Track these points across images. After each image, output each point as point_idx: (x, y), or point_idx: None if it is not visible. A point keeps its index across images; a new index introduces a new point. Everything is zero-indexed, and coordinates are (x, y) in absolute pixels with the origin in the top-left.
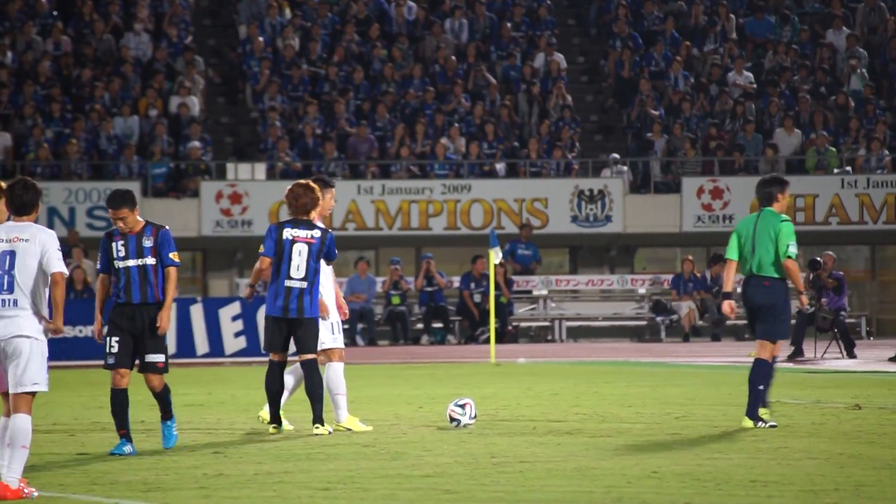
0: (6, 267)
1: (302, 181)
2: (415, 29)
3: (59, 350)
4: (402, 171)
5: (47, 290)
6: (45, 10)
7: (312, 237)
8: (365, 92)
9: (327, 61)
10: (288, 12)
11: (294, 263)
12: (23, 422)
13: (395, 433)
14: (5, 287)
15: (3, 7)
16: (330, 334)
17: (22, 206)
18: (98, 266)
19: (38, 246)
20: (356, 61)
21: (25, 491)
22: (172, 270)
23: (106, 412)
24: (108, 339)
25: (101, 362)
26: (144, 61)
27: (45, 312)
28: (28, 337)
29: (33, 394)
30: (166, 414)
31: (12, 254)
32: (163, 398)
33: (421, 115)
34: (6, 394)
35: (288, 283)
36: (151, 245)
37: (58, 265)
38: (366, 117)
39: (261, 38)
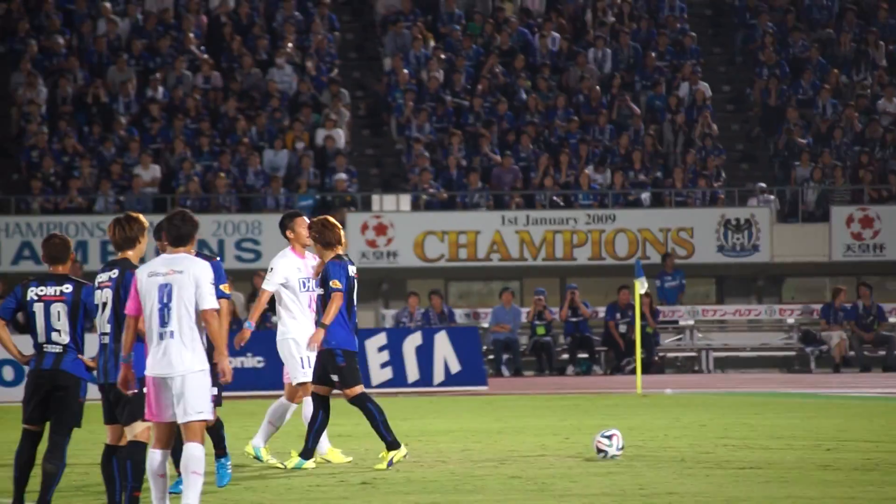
0: (164, 300)
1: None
2: (558, 59)
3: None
4: (546, 202)
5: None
6: (195, 46)
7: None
8: (509, 122)
9: (471, 92)
10: (432, 44)
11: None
12: (194, 450)
13: (541, 464)
14: (164, 320)
15: (155, 43)
16: (300, 369)
17: (178, 238)
18: None
19: (191, 279)
20: (500, 92)
21: None
22: (223, 303)
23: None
24: None
25: (252, 393)
26: (290, 94)
27: (203, 343)
28: (189, 372)
29: (202, 423)
30: (220, 451)
31: (169, 287)
32: (216, 433)
33: (565, 145)
34: (161, 424)
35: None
36: None
37: (209, 302)
38: (510, 148)
39: (405, 70)
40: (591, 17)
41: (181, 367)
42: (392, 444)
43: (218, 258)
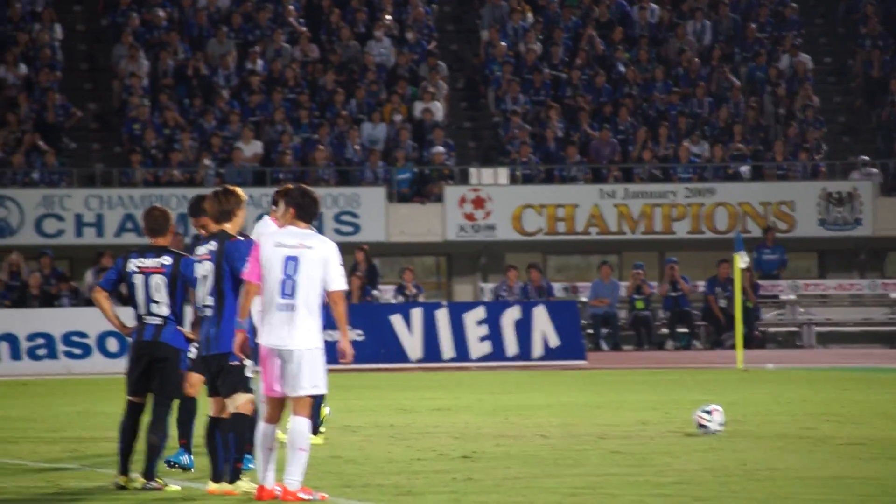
0: (290, 272)
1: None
2: (657, 31)
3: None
4: (645, 175)
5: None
6: (294, 19)
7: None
8: (607, 95)
9: (569, 65)
10: (530, 16)
11: None
12: (301, 425)
13: (641, 439)
14: (287, 292)
15: (254, 16)
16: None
17: (307, 215)
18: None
19: (321, 257)
20: (598, 64)
21: (307, 497)
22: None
23: (352, 415)
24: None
25: (350, 366)
26: (388, 67)
27: (321, 319)
28: (307, 347)
29: (312, 397)
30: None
31: (296, 260)
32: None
33: (664, 117)
34: (274, 398)
35: None
36: None
37: (339, 283)
38: (608, 121)
39: (503, 43)
40: None
41: (301, 342)
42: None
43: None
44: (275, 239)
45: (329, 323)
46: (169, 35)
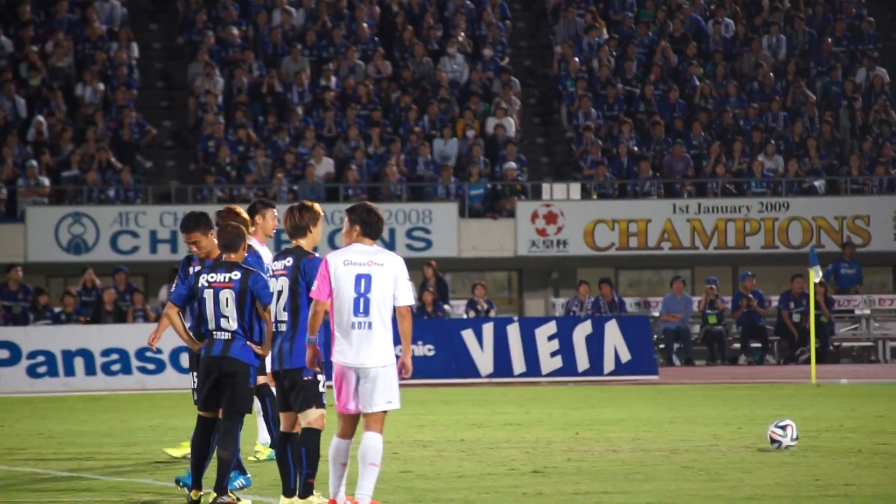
0: (362, 290)
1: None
2: (732, 46)
3: None
4: (718, 190)
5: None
6: (367, 36)
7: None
8: (680, 110)
9: (643, 80)
10: (605, 32)
11: None
12: (374, 440)
13: (713, 454)
14: (361, 310)
15: (329, 33)
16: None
17: (373, 232)
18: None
19: (391, 273)
20: (672, 79)
21: None
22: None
23: (423, 430)
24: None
25: (421, 381)
26: (461, 83)
27: (392, 335)
28: (382, 364)
29: (385, 413)
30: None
31: (368, 277)
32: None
33: (738, 132)
34: (347, 414)
35: None
36: None
37: (408, 298)
38: (681, 136)
39: (576, 59)
40: (766, 3)
41: (376, 359)
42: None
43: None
44: (343, 257)
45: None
46: (244, 53)
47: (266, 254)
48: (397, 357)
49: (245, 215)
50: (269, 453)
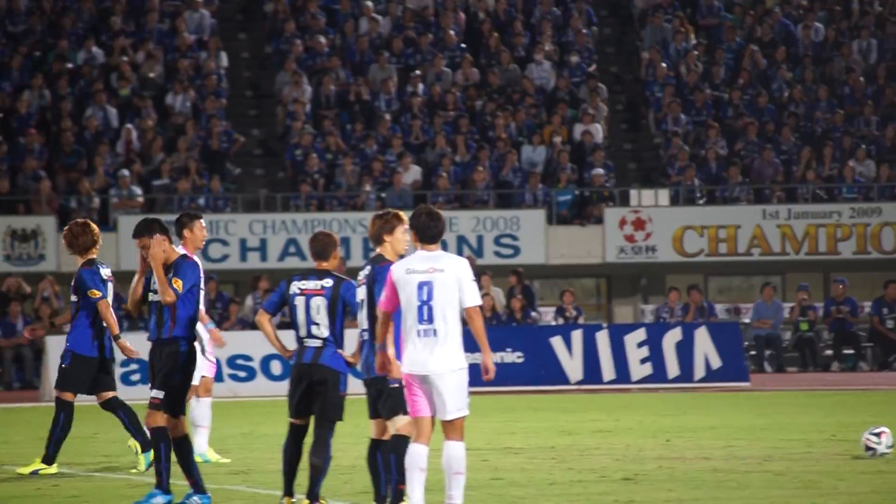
0: (425, 297)
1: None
2: (822, 50)
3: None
4: (809, 195)
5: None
6: (454, 43)
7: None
8: (769, 115)
9: (731, 85)
10: (693, 37)
11: None
12: (456, 449)
13: (807, 462)
14: (425, 317)
15: (416, 41)
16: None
17: (428, 237)
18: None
19: (454, 276)
20: (761, 84)
21: None
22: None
23: (513, 437)
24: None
25: (511, 388)
26: (548, 90)
27: (461, 340)
28: (450, 369)
29: (463, 419)
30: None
31: (430, 284)
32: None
33: (828, 137)
34: (422, 419)
35: None
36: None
37: (474, 299)
38: (770, 140)
39: (664, 64)
40: (857, 7)
41: (443, 365)
42: (48, 459)
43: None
44: (406, 265)
45: (469, 345)
46: (331, 61)
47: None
48: (470, 365)
49: (96, 230)
50: (145, 460)
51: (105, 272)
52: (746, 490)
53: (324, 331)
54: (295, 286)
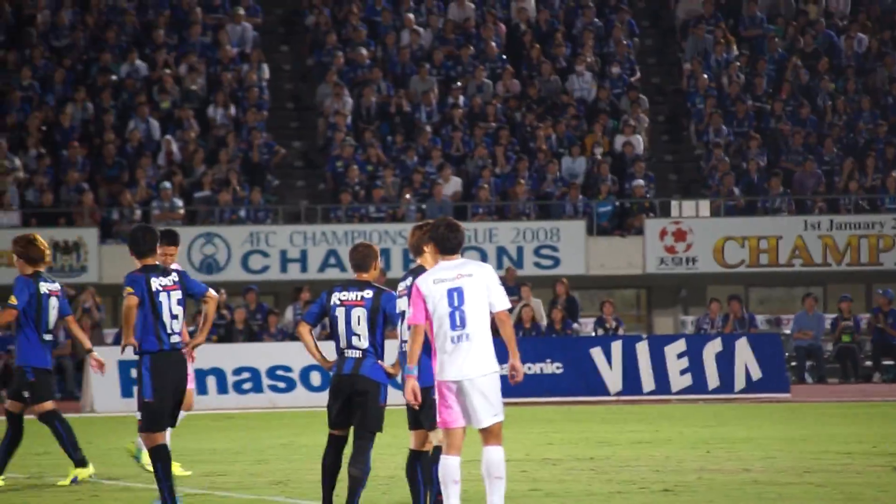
0: (456, 304)
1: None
2: (865, 61)
3: (511, 387)
4: (851, 206)
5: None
6: (495, 55)
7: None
8: (812, 126)
9: (773, 96)
10: (735, 48)
11: None
12: (495, 453)
13: (848, 473)
14: (458, 323)
15: (457, 53)
16: None
17: (447, 247)
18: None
19: (482, 281)
20: (803, 95)
21: None
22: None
23: (551, 448)
24: None
25: (550, 399)
26: (589, 101)
27: (491, 346)
28: (483, 373)
29: (501, 424)
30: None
31: (460, 290)
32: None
33: (871, 148)
34: (455, 430)
35: None
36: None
37: (504, 303)
38: (812, 151)
39: (705, 75)
40: None
41: (478, 369)
42: (79, 462)
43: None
44: (432, 276)
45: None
46: (372, 72)
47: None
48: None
49: (42, 243)
50: (74, 475)
51: (49, 286)
52: (786, 502)
53: (364, 342)
54: (335, 297)
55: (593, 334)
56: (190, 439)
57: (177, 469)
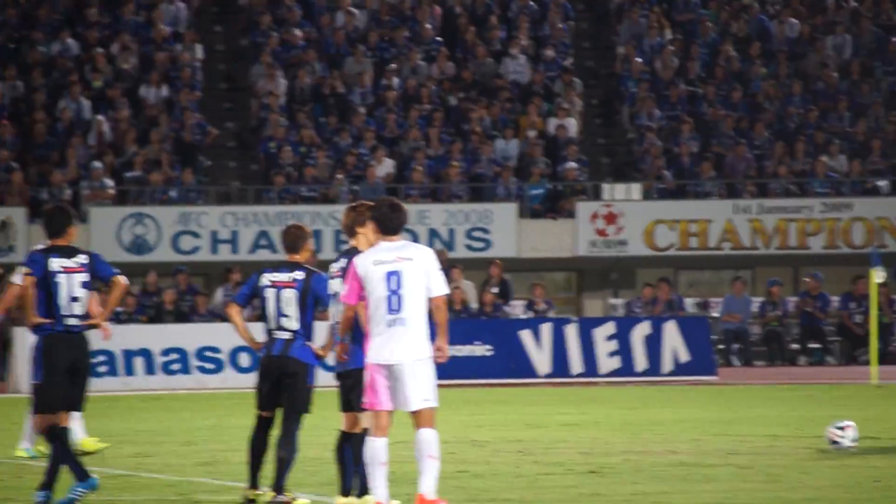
0: (394, 287)
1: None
2: (796, 46)
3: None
4: (781, 190)
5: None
6: (430, 37)
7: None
8: (743, 111)
9: (705, 80)
10: (668, 32)
11: None
12: (428, 434)
13: (772, 455)
14: (394, 307)
15: (392, 34)
16: None
17: (389, 228)
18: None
19: (421, 266)
20: (735, 80)
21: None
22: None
23: (480, 430)
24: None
25: (479, 381)
26: (523, 84)
27: (428, 330)
28: (417, 358)
29: (431, 410)
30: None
31: (398, 274)
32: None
33: (801, 133)
34: (383, 412)
35: None
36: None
37: (442, 288)
38: (744, 136)
39: (639, 59)
40: (832, 2)
41: (411, 354)
42: None
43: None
44: (371, 257)
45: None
46: (306, 54)
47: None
48: (456, 357)
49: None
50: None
51: None
52: (712, 483)
53: (294, 323)
54: (266, 278)
55: (523, 317)
56: (117, 420)
57: (93, 443)
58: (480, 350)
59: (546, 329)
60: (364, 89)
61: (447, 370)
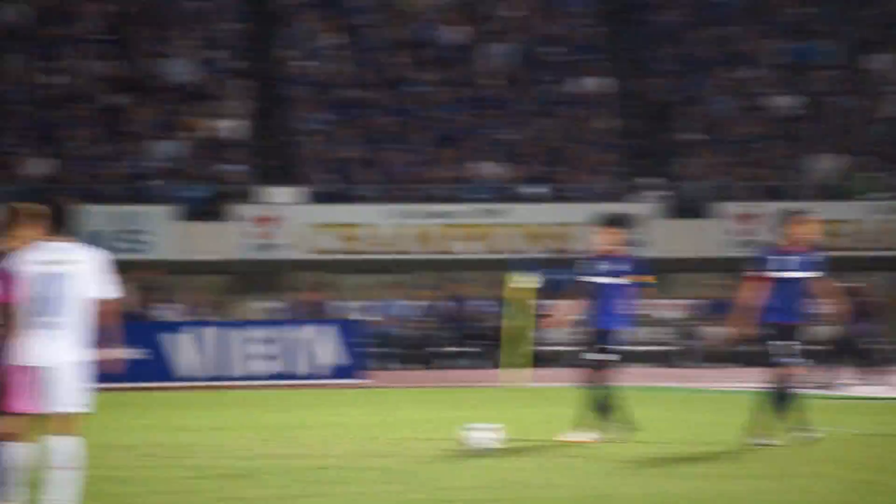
0: (54, 289)
1: None
2: (460, 52)
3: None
4: (441, 196)
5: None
6: (94, 36)
7: None
8: (406, 116)
9: (369, 85)
10: (334, 36)
11: None
12: (68, 444)
13: (404, 457)
14: (52, 310)
15: (55, 32)
16: None
17: (60, 228)
18: None
19: (87, 267)
20: (399, 85)
21: None
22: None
23: (134, 434)
24: None
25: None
26: (185, 85)
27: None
28: (69, 361)
29: (78, 415)
30: None
31: (60, 276)
32: None
33: (462, 138)
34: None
35: None
36: None
37: (109, 291)
38: (406, 141)
39: (304, 63)
40: (495, 12)
41: (64, 357)
42: None
43: None
44: (31, 257)
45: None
46: None
47: None
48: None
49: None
50: None
51: None
52: (348, 486)
53: None
54: None
55: (177, 320)
56: None
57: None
58: (132, 353)
59: (200, 333)
60: (25, 87)
61: (100, 373)
